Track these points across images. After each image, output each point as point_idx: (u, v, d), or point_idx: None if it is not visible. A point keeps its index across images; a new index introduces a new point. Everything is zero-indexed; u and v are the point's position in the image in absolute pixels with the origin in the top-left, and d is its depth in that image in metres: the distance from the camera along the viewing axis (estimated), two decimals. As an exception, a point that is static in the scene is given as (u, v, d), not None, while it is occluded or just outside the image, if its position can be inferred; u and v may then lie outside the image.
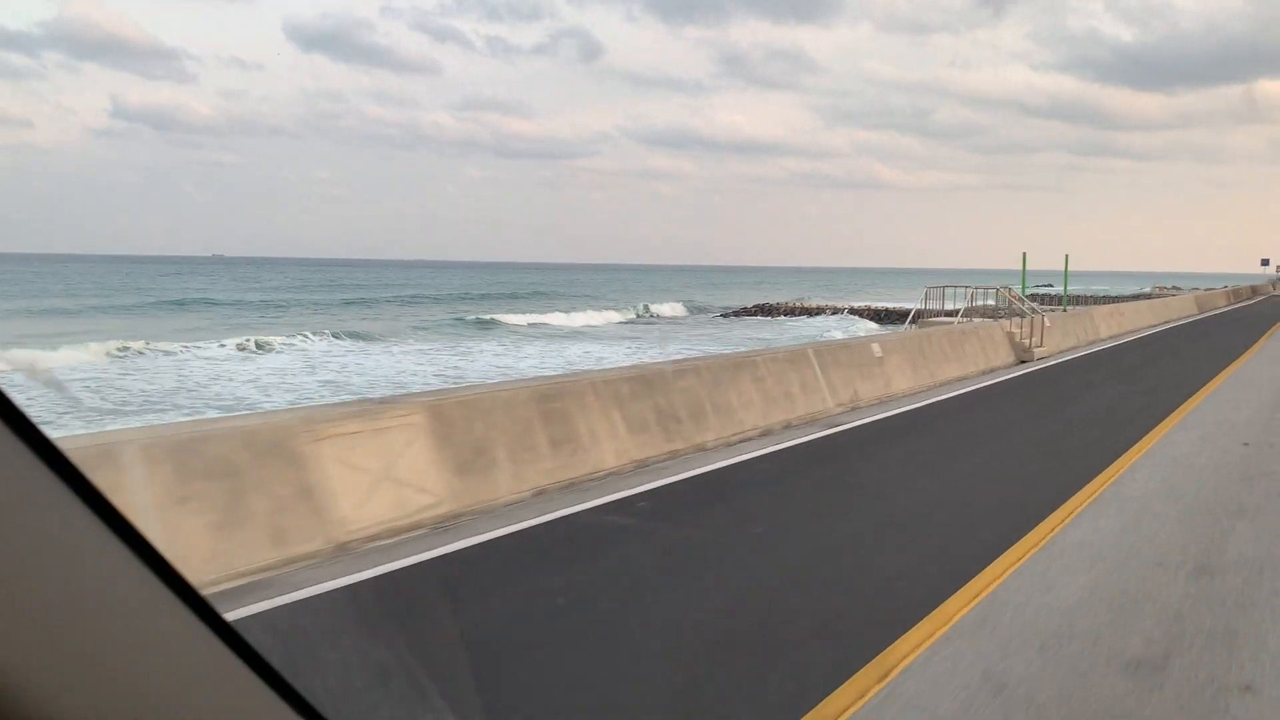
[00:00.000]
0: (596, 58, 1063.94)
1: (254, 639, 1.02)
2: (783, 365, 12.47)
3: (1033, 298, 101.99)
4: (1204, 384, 16.22)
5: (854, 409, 13.56)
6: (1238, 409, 13.27)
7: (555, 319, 70.48)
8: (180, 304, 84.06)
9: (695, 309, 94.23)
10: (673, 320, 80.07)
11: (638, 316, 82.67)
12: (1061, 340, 23.07)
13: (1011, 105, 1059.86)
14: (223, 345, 46.82)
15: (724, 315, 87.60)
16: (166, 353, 45.14)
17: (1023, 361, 19.99)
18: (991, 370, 18.61)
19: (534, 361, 45.65)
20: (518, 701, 4.27)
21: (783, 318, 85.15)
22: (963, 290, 24.87)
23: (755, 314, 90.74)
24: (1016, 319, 20.96)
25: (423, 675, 2.97)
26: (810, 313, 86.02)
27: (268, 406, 29.01)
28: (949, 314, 24.47)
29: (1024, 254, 26.51)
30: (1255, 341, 26.72)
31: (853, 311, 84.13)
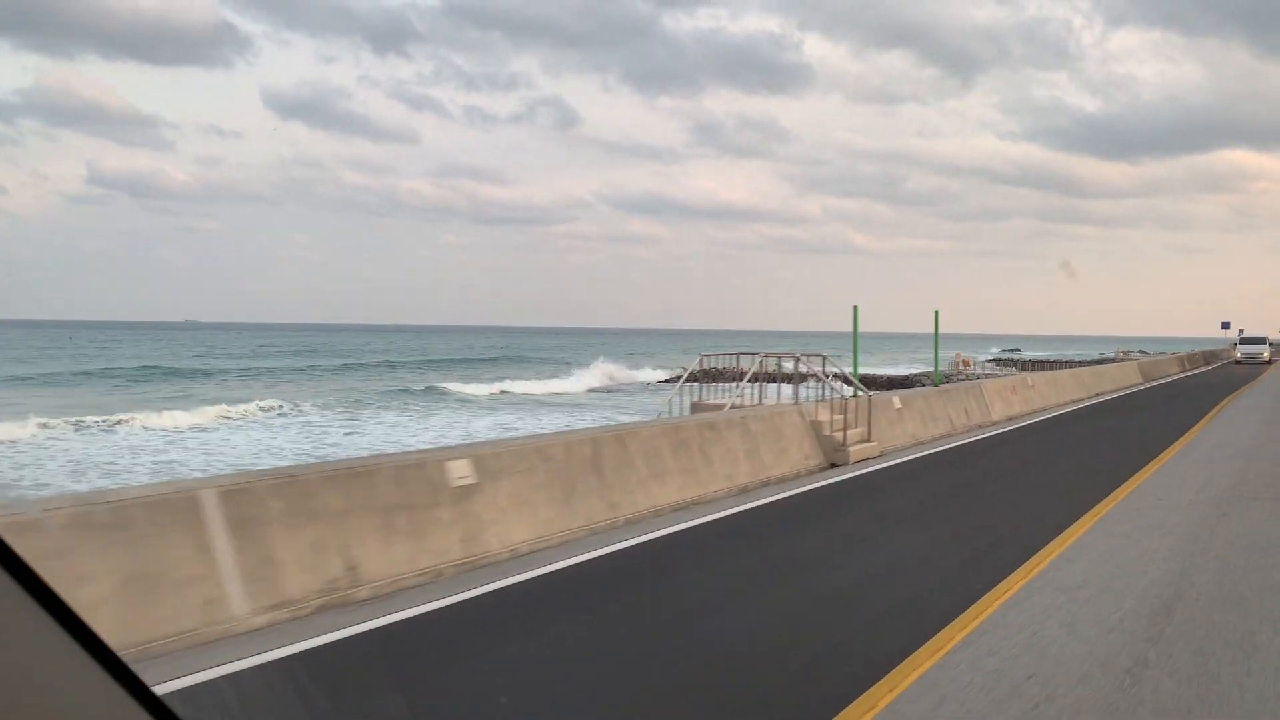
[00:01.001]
0: (573, 126, 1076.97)
1: (180, 710, 1.00)
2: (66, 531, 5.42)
3: (996, 362, 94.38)
4: (1077, 518, 9.26)
5: (324, 608, 6.52)
6: (1099, 601, 6.30)
7: (519, 386, 62.36)
8: (102, 373, 76.89)
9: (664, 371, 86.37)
10: (616, 387, 72.29)
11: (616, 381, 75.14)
12: (920, 429, 16.14)
13: (981, 173, 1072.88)
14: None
15: (656, 382, 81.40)
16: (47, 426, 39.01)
17: (834, 465, 13.04)
18: (762, 485, 11.59)
19: (431, 436, 38.75)
20: None
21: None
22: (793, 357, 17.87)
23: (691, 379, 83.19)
24: (831, 400, 13.99)
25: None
26: (774, 379, 78.33)
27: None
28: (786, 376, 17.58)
29: (855, 307, 19.40)
30: (1192, 427, 19.90)
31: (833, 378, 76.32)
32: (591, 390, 66.36)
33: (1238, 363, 55.24)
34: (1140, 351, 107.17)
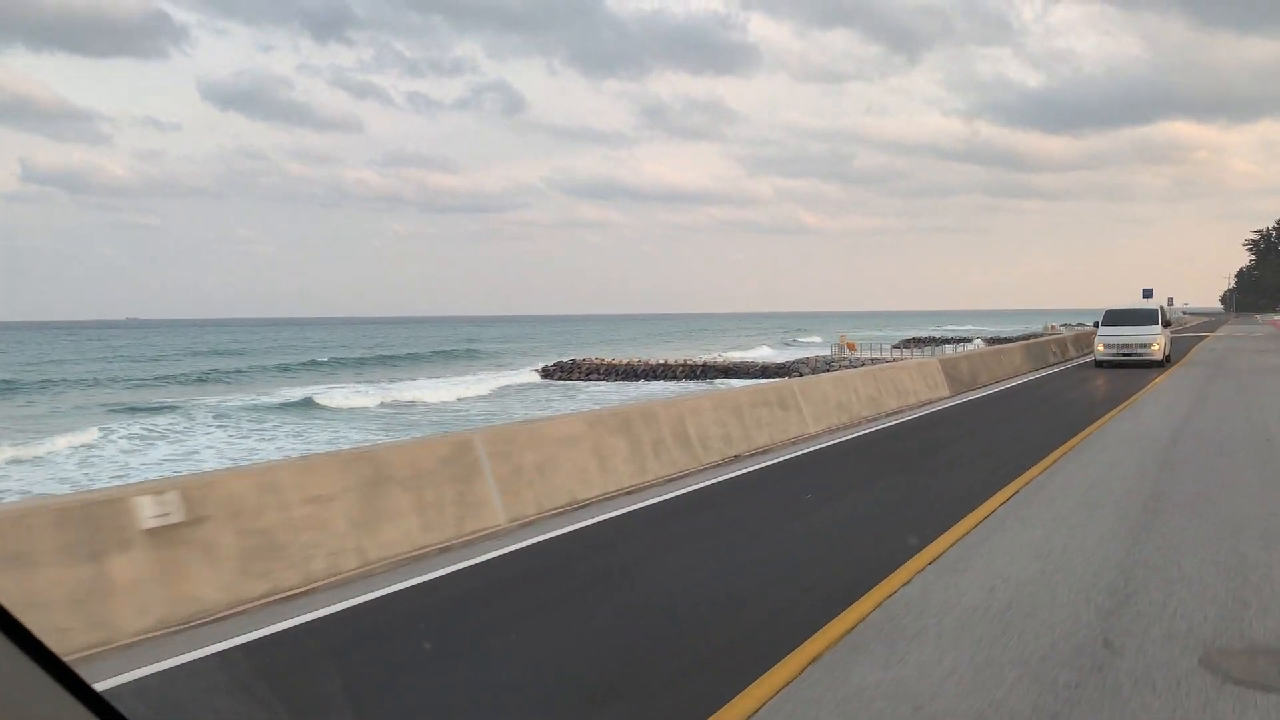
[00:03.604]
0: (519, 111, 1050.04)
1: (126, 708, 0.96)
2: None
3: (925, 340, 75.78)
4: None
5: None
6: None
7: (418, 392, 50.20)
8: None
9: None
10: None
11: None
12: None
13: (928, 150, 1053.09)
14: None
15: (544, 374, 65.43)
16: None
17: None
18: None
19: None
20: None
21: (580, 381, 61.26)
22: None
23: (555, 375, 67.03)
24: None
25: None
26: (638, 372, 61.45)
27: None
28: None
29: None
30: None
31: (709, 370, 59.34)
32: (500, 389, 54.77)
33: (1098, 365, 25.70)
34: (1079, 324, 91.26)
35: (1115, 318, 26.14)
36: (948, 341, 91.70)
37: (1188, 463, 10.24)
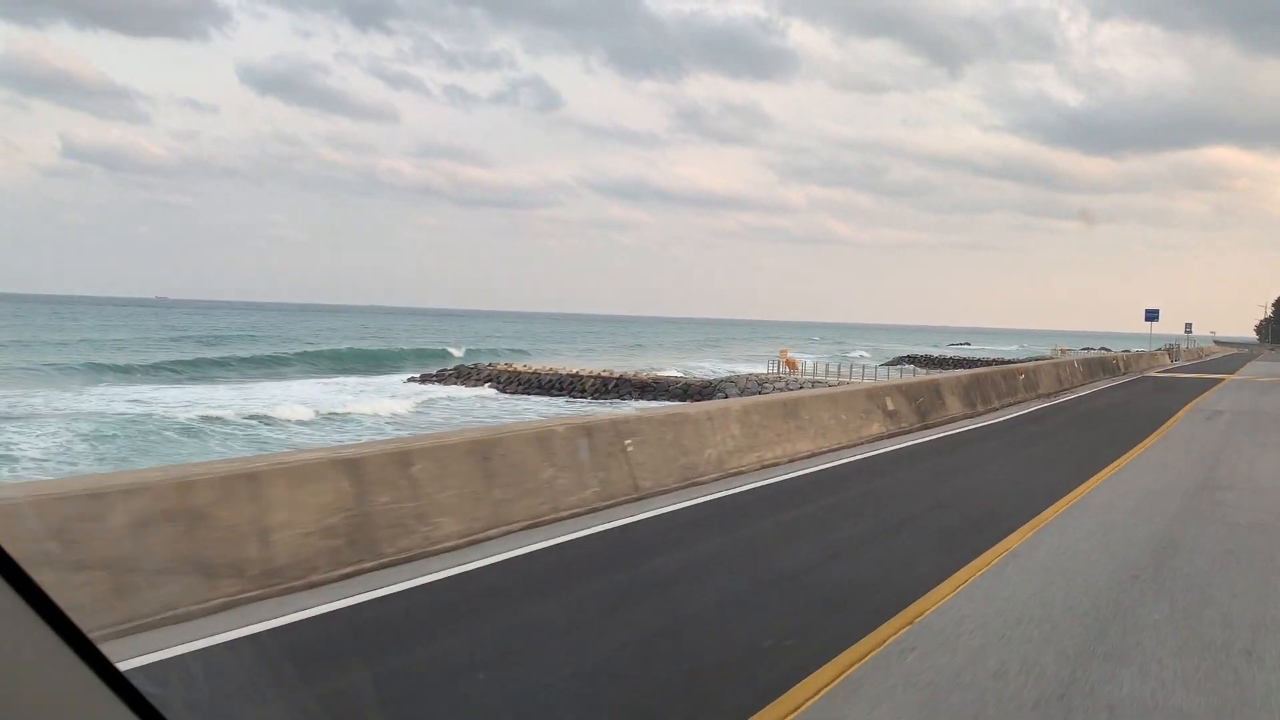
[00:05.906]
0: (554, 108, 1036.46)
1: (148, 690, 0.93)
2: None
3: (923, 359, 58.34)
4: None
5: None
6: None
7: (328, 400, 42.76)
8: None
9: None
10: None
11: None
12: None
13: (964, 165, 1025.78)
14: None
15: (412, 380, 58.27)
16: None
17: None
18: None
19: None
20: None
21: (464, 389, 53.08)
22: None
23: (446, 378, 57.61)
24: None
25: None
26: (542, 384, 52.54)
27: None
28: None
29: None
30: None
31: (623, 385, 50.99)
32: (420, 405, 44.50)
33: None
34: (1102, 348, 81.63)
35: None
36: (949, 364, 77.87)
37: None
